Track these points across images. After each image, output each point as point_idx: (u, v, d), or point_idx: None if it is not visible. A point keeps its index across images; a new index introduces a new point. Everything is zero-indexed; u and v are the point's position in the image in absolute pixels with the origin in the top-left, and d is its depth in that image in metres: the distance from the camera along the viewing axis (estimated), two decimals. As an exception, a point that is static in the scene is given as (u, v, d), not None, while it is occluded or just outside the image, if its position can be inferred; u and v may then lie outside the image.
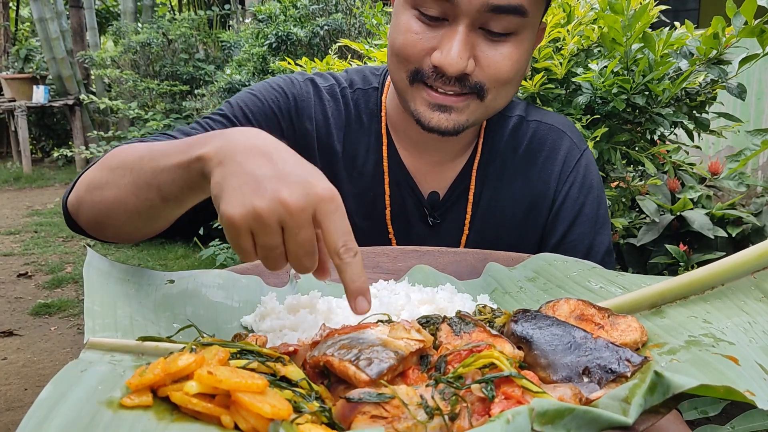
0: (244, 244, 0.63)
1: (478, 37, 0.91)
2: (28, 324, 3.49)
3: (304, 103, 1.08)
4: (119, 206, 0.81)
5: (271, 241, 0.62)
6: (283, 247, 0.63)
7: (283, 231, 0.62)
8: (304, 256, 0.64)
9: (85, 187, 0.88)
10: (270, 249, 0.63)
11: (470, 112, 0.95)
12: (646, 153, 1.64)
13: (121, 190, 0.80)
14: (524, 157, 1.10)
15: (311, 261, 0.64)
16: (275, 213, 0.61)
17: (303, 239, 0.62)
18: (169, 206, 0.78)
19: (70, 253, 4.85)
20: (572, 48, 1.60)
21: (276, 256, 0.64)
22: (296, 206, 0.61)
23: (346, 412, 0.51)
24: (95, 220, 0.87)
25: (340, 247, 0.62)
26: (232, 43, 6.07)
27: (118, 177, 0.81)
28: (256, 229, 0.62)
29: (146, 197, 0.77)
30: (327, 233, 0.62)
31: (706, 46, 1.48)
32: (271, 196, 0.61)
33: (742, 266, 0.69)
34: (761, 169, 4.01)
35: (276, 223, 0.61)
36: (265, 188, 0.62)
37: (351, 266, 0.63)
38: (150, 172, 0.76)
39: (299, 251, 0.63)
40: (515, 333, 0.64)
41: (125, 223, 0.83)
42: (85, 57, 7.19)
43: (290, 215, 0.61)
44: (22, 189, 7.50)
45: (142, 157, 0.79)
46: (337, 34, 3.91)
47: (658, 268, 2.21)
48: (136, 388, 0.52)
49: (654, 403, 0.50)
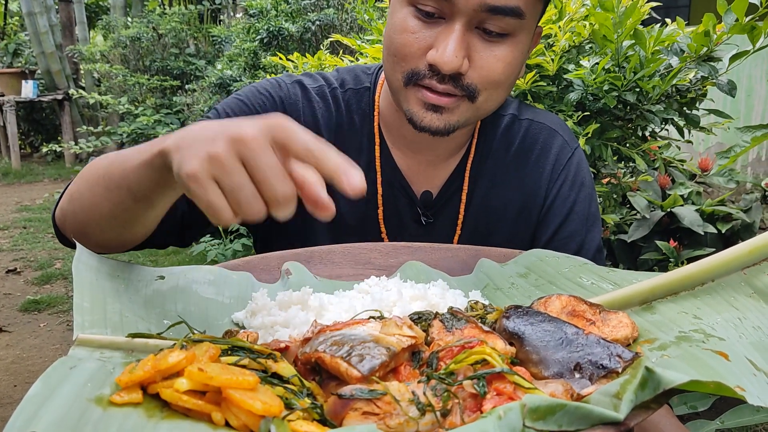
0: (212, 197, 0.60)
1: (474, 37, 0.91)
2: (17, 320, 3.46)
3: (292, 107, 1.07)
4: (96, 213, 0.84)
5: (236, 178, 0.60)
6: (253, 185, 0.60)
7: (246, 167, 0.60)
8: (275, 181, 0.60)
9: (67, 200, 0.91)
10: (238, 189, 0.60)
11: (461, 113, 0.95)
12: (637, 149, 1.65)
13: (96, 197, 0.83)
14: (516, 155, 1.11)
15: (285, 185, 0.60)
16: (231, 148, 0.60)
17: (266, 163, 0.60)
18: (141, 206, 0.78)
19: (60, 248, 4.82)
20: (564, 44, 1.61)
21: (248, 196, 0.60)
22: (249, 134, 0.60)
23: (337, 409, 0.51)
24: (79, 230, 0.89)
25: (309, 146, 0.60)
26: (223, 38, 6.04)
27: (93, 185, 0.84)
28: (218, 173, 0.60)
29: (118, 200, 0.79)
30: (291, 144, 0.61)
31: (697, 43, 1.49)
32: (222, 137, 0.61)
33: (732, 262, 0.69)
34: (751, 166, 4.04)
35: (234, 158, 0.60)
36: (215, 136, 0.61)
37: (327, 153, 0.61)
38: (119, 174, 0.78)
39: (267, 177, 0.60)
40: (507, 329, 0.64)
41: (105, 229, 0.85)
42: (75, 51, 7.14)
43: (245, 144, 0.60)
44: (10, 184, 7.44)
45: (111, 163, 0.82)
46: (328, 29, 3.89)
47: (648, 264, 2.22)
48: (125, 385, 0.51)
49: (645, 398, 0.50)
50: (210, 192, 0.60)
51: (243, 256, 3.21)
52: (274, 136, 0.61)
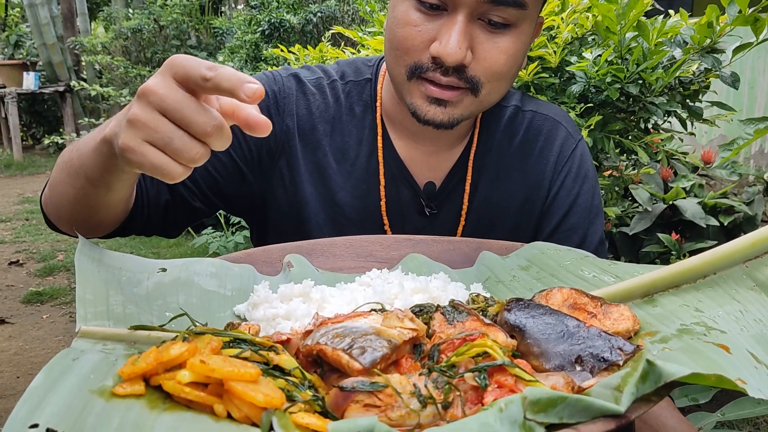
0: (152, 158, 0.61)
1: (477, 29, 0.91)
2: (19, 312, 3.47)
3: (285, 100, 1.07)
4: (64, 198, 0.87)
5: (162, 129, 0.60)
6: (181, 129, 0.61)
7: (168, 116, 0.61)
8: (198, 116, 0.60)
9: (47, 186, 0.95)
10: (170, 139, 0.60)
11: (464, 106, 0.95)
12: (640, 142, 1.64)
13: (63, 184, 0.87)
14: (520, 146, 1.10)
15: (208, 114, 0.60)
16: (143, 105, 0.61)
17: (180, 102, 0.60)
18: (100, 190, 0.81)
19: (62, 241, 4.83)
20: (566, 36, 1.60)
21: (183, 141, 0.60)
22: (152, 83, 0.61)
23: (339, 401, 0.51)
24: (56, 214, 0.93)
25: (203, 72, 0.59)
26: (224, 30, 6.02)
27: (59, 171, 0.88)
28: (144, 132, 0.61)
29: (79, 185, 0.82)
30: (189, 76, 0.60)
31: (700, 34, 1.48)
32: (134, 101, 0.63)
33: (734, 255, 0.69)
34: (753, 158, 4.03)
35: (151, 111, 0.61)
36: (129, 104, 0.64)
37: (221, 73, 0.59)
38: (77, 161, 0.81)
39: (189, 115, 0.60)
40: (508, 322, 0.64)
41: (74, 213, 0.88)
42: (76, 43, 7.12)
43: (153, 93, 0.60)
44: (13, 176, 7.44)
45: (73, 149, 0.85)
46: (330, 21, 3.88)
47: (650, 257, 2.22)
48: (128, 377, 0.52)
49: (646, 391, 0.50)
50: (148, 154, 0.61)
51: (245, 248, 3.21)
52: (173, 76, 0.61)
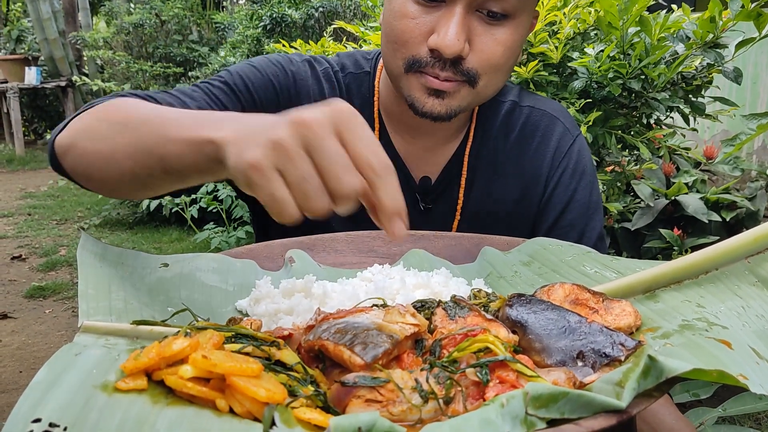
0: (276, 190, 0.55)
1: (474, 20, 0.90)
2: (22, 307, 3.48)
3: (302, 83, 1.07)
4: (113, 164, 0.75)
5: (301, 168, 0.54)
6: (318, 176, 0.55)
7: (311, 155, 0.55)
8: (343, 172, 0.55)
9: (78, 133, 0.81)
10: (303, 180, 0.55)
11: (461, 97, 0.95)
12: (642, 137, 1.64)
13: (118, 149, 0.74)
14: (517, 142, 1.10)
15: (352, 176, 0.55)
16: (295, 135, 0.55)
17: (334, 152, 0.55)
18: (170, 179, 0.72)
19: (64, 235, 4.84)
20: (568, 32, 1.59)
21: (314, 187, 0.55)
22: (314, 120, 0.55)
23: (341, 396, 0.52)
24: (84, 169, 0.81)
25: (372, 160, 0.55)
26: (226, 25, 6.01)
27: (117, 133, 0.75)
28: (282, 162, 0.55)
29: (146, 164, 0.71)
30: (354, 146, 0.55)
31: (703, 29, 1.47)
32: (284, 123, 0.56)
33: (736, 251, 0.69)
34: (756, 154, 4.02)
35: (299, 146, 0.55)
36: (276, 122, 0.56)
37: (387, 183, 0.55)
38: (155, 138, 0.70)
39: (335, 167, 0.54)
40: (510, 317, 0.64)
41: (116, 182, 0.78)
42: (78, 38, 7.11)
43: (310, 130, 0.55)
44: (14, 171, 7.45)
45: (147, 120, 0.72)
46: (332, 15, 3.87)
47: (652, 253, 2.22)
48: (130, 372, 0.52)
49: (647, 386, 0.50)
50: (274, 183, 0.55)
51: (246, 243, 3.22)
52: (338, 126, 0.56)
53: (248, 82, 1.03)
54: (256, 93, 1.02)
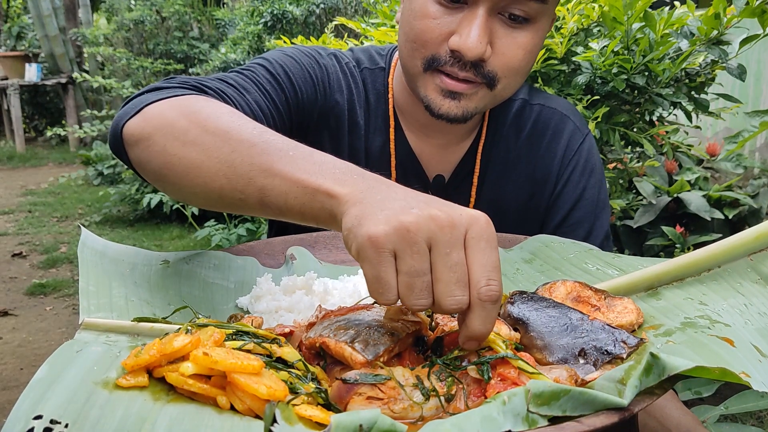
0: (384, 272, 0.53)
1: (496, 23, 0.90)
2: (23, 304, 3.49)
3: (333, 76, 1.06)
4: (200, 177, 0.69)
5: (417, 263, 0.52)
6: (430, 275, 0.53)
7: (431, 253, 0.53)
8: (455, 285, 0.53)
9: (158, 127, 0.74)
10: (415, 275, 0.52)
11: (479, 99, 0.95)
12: (645, 134, 1.63)
13: (211, 162, 0.68)
14: (528, 140, 1.10)
15: (463, 291, 0.53)
16: (424, 228, 0.52)
17: (455, 262, 0.53)
18: (263, 211, 0.67)
19: (65, 233, 4.84)
20: (572, 27, 1.59)
21: (422, 284, 0.53)
22: (448, 221, 0.53)
23: (342, 393, 0.51)
24: (158, 169, 0.74)
25: (483, 284, 0.53)
26: (226, 21, 6.00)
27: (212, 145, 0.68)
28: (401, 249, 0.52)
29: (242, 190, 0.66)
30: (473, 262, 0.53)
31: (707, 26, 1.47)
32: (419, 212, 0.53)
33: (739, 248, 0.69)
34: (759, 151, 4.01)
35: (424, 240, 0.52)
36: (412, 207, 0.54)
37: (485, 311, 0.53)
38: (259, 167, 0.64)
39: (450, 276, 0.52)
40: (512, 314, 0.64)
41: (197, 195, 0.71)
42: (78, 35, 7.11)
43: (441, 230, 0.53)
44: (15, 168, 7.46)
45: (254, 144, 0.66)
46: (333, 12, 3.86)
47: (654, 250, 2.22)
48: (131, 369, 0.52)
49: (649, 384, 0.50)
50: (385, 265, 0.53)
51: (247, 241, 3.22)
52: (468, 234, 0.54)
53: (290, 73, 1.01)
54: (297, 84, 1.01)
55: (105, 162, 5.56)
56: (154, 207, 4.37)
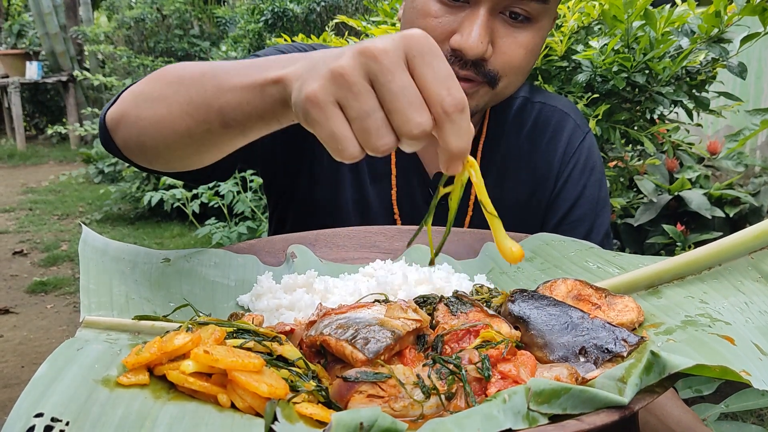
0: (335, 125, 0.50)
1: (498, 22, 0.90)
2: (24, 302, 3.49)
3: None
4: (169, 125, 0.71)
5: (363, 103, 0.50)
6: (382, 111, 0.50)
7: (375, 88, 0.50)
8: (410, 108, 0.50)
9: (131, 100, 0.77)
10: (365, 115, 0.50)
11: (480, 97, 0.95)
12: (646, 132, 1.63)
13: (174, 107, 0.70)
14: (528, 137, 1.11)
15: (422, 114, 0.50)
16: (357, 65, 0.50)
17: (401, 85, 0.50)
18: (229, 134, 0.67)
19: (66, 231, 4.84)
20: (572, 25, 1.58)
21: (377, 123, 0.50)
22: (381, 49, 0.50)
23: (342, 391, 0.52)
24: (136, 138, 0.76)
25: (445, 96, 0.50)
26: (227, 19, 5.99)
27: (173, 92, 0.70)
28: (342, 95, 0.50)
29: (204, 119, 0.67)
30: (424, 78, 0.50)
31: (708, 24, 1.46)
32: (349, 52, 0.51)
33: (740, 246, 0.69)
34: (760, 149, 4.00)
35: (361, 76, 0.50)
36: (341, 53, 0.51)
37: (454, 123, 0.50)
38: (212, 90, 0.65)
39: (402, 103, 0.50)
40: (512, 313, 0.64)
41: (171, 146, 0.73)
42: (78, 32, 7.10)
43: (374, 60, 0.49)
44: (16, 166, 7.46)
45: (204, 74, 0.68)
46: (334, 10, 3.86)
47: (655, 248, 2.22)
48: (132, 367, 0.52)
49: (650, 382, 0.50)
50: (333, 118, 0.50)
51: (248, 239, 3.22)
52: (408, 54, 0.50)
53: None
54: None
55: (106, 160, 5.56)
56: (154, 205, 4.37)
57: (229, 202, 3.35)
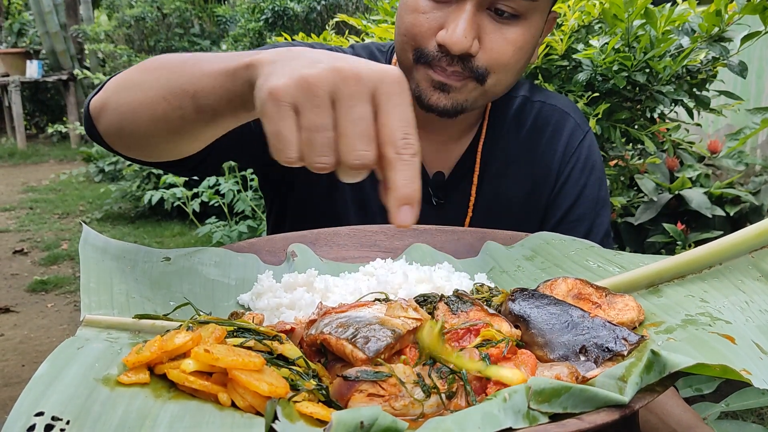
0: (283, 126, 0.51)
1: (485, 18, 0.91)
2: (24, 300, 3.49)
3: None
4: (146, 109, 0.72)
5: (318, 117, 0.50)
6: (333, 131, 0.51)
7: (335, 108, 0.51)
8: (358, 139, 0.50)
9: (113, 87, 0.79)
10: (316, 129, 0.50)
11: (468, 93, 0.95)
12: (646, 131, 1.63)
13: (152, 92, 0.71)
14: (528, 136, 1.10)
15: (368, 146, 0.51)
16: (327, 81, 0.50)
17: (359, 115, 0.50)
18: (201, 120, 0.68)
19: (66, 229, 4.84)
20: (573, 24, 1.58)
21: (324, 140, 0.51)
22: (353, 74, 0.50)
23: (343, 390, 0.52)
24: (117, 124, 0.78)
25: (400, 138, 0.51)
26: (227, 18, 6.00)
27: (154, 78, 0.72)
28: (302, 102, 0.50)
29: (179, 104, 0.68)
30: (386, 117, 0.51)
31: (708, 22, 1.46)
32: (324, 65, 0.51)
33: (740, 245, 0.69)
34: (760, 148, 4.00)
35: (326, 93, 0.50)
36: (319, 60, 0.52)
37: (406, 166, 0.51)
38: (189, 75, 0.67)
39: (353, 130, 0.50)
40: (513, 312, 0.64)
41: (148, 132, 0.74)
42: (79, 31, 7.10)
43: (344, 82, 0.50)
44: (16, 165, 7.46)
45: (185, 61, 0.70)
46: (334, 9, 3.86)
47: (655, 247, 2.21)
48: (133, 366, 0.52)
49: (650, 381, 0.50)
50: (285, 120, 0.51)
51: (248, 238, 3.22)
52: (377, 90, 0.51)
53: None
54: None
55: (106, 159, 5.57)
56: (155, 204, 4.37)
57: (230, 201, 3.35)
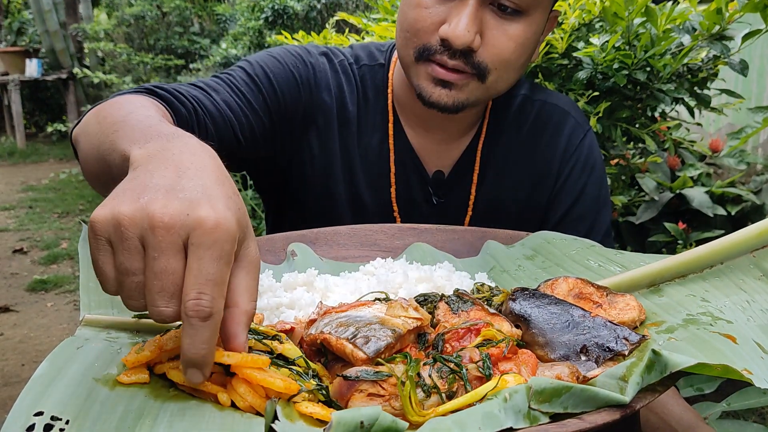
0: (100, 260, 0.49)
1: (488, 14, 0.91)
2: (24, 300, 3.49)
3: (321, 74, 1.07)
4: (88, 163, 0.76)
5: (127, 261, 0.48)
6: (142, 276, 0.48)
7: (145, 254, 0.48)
8: (158, 294, 0.48)
9: (81, 128, 0.81)
10: (125, 273, 0.48)
11: (470, 90, 0.95)
12: (647, 130, 1.63)
13: (91, 147, 0.73)
14: (528, 135, 1.10)
15: (168, 303, 0.48)
16: (137, 225, 0.48)
17: (160, 269, 0.47)
18: None
19: (66, 229, 4.84)
20: (573, 22, 1.58)
21: (132, 285, 0.49)
22: (162, 221, 0.47)
23: (343, 390, 0.51)
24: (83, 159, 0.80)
25: (191, 298, 0.47)
26: (227, 17, 5.99)
27: (94, 133, 0.73)
28: (114, 242, 0.48)
29: (105, 170, 0.69)
30: (187, 272, 0.47)
31: (709, 21, 1.46)
32: (141, 204, 0.48)
33: (742, 245, 0.69)
34: (762, 147, 4.00)
35: (136, 237, 0.48)
36: (143, 196, 0.49)
37: (192, 330, 0.47)
38: (108, 145, 0.66)
39: (153, 284, 0.48)
40: (513, 311, 0.64)
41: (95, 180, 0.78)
42: (78, 30, 7.10)
43: (152, 231, 0.47)
44: (16, 164, 7.46)
45: (114, 123, 0.69)
46: (334, 7, 3.85)
47: (656, 246, 2.21)
48: (132, 365, 0.52)
49: (651, 381, 0.50)
50: (101, 253, 0.49)
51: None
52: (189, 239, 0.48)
53: (270, 73, 1.02)
54: (278, 85, 1.02)
55: (106, 158, 5.55)
56: (155, 203, 4.37)
57: (230, 200, 3.35)
